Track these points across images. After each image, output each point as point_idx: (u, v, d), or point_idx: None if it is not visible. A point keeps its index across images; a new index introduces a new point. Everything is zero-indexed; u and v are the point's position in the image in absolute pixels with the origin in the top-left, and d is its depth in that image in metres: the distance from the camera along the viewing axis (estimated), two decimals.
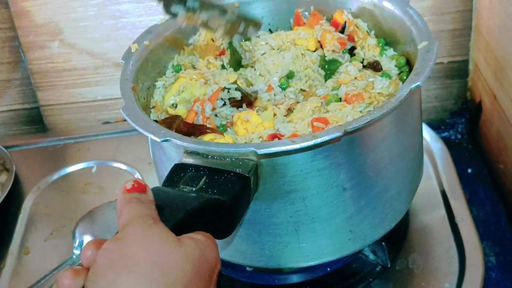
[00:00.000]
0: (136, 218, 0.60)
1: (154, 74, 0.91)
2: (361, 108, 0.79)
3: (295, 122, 0.80)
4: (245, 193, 0.70)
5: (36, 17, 1.19)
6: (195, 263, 0.58)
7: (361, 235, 0.80)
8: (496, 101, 1.10)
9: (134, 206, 0.61)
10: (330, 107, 0.81)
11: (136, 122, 0.76)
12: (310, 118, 0.79)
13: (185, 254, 0.58)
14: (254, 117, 0.79)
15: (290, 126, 0.79)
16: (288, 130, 0.78)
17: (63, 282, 0.58)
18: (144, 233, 0.58)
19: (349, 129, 0.69)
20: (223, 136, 0.79)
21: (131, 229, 0.59)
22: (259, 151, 0.68)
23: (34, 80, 1.26)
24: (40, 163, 1.22)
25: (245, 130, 0.79)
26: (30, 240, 1.05)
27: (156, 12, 1.18)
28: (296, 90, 0.87)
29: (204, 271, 0.59)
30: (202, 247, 0.60)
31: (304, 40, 0.91)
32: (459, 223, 0.96)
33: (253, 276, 0.92)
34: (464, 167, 1.14)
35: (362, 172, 0.76)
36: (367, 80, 0.84)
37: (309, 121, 0.78)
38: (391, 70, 0.87)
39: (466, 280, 0.88)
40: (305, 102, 0.84)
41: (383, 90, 0.82)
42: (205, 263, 0.60)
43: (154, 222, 0.60)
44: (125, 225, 0.60)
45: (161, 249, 0.57)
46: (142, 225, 0.59)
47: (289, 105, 0.84)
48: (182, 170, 0.71)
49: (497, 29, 1.07)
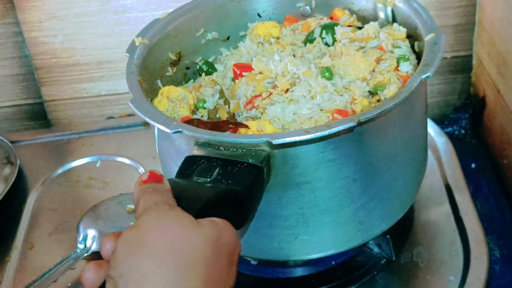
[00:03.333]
0: (152, 206, 0.60)
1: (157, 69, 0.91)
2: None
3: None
4: (258, 183, 0.70)
5: (39, 12, 1.19)
6: (214, 244, 0.59)
7: (370, 226, 0.80)
8: (499, 95, 1.10)
9: (150, 195, 0.62)
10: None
11: (146, 114, 0.76)
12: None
13: (203, 235, 0.59)
14: (268, 126, 0.78)
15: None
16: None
17: (87, 276, 0.59)
18: (160, 218, 0.59)
19: (363, 119, 0.69)
20: (249, 128, 0.78)
21: (147, 216, 0.59)
22: (273, 141, 0.68)
23: (38, 75, 1.26)
24: (45, 158, 1.22)
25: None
26: (35, 235, 1.05)
27: (159, 7, 1.18)
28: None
29: (223, 252, 0.60)
30: (220, 228, 0.61)
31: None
32: (464, 216, 0.96)
33: (257, 270, 0.92)
34: (467, 162, 1.14)
35: (371, 162, 0.77)
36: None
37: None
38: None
39: (470, 273, 0.88)
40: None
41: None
42: (224, 244, 0.60)
43: (170, 208, 0.60)
44: (141, 213, 0.60)
45: (178, 232, 0.58)
46: (157, 211, 0.60)
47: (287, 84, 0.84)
48: (194, 162, 0.70)
49: (501, 24, 1.07)
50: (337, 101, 0.79)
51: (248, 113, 0.82)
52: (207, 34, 0.97)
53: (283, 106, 0.80)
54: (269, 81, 0.84)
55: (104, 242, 0.61)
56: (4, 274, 0.99)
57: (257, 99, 0.82)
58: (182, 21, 0.95)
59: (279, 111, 0.79)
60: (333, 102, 0.79)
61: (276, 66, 0.85)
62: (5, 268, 1.00)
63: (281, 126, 0.78)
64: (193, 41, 0.96)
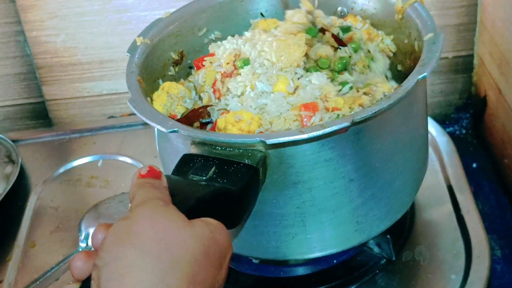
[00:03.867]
0: (148, 200, 0.60)
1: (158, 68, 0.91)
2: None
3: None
4: (254, 184, 0.70)
5: (41, 11, 1.19)
6: (204, 244, 0.58)
7: (368, 226, 0.80)
8: (501, 95, 1.10)
9: (147, 190, 0.62)
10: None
11: (143, 113, 0.76)
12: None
13: (194, 234, 0.58)
14: (245, 114, 0.77)
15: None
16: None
17: (76, 265, 0.59)
18: (153, 212, 0.59)
19: (357, 119, 0.69)
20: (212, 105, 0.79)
21: (140, 209, 0.59)
22: (267, 141, 0.68)
23: (40, 74, 1.26)
24: (46, 157, 1.22)
25: (241, 130, 0.77)
26: (36, 233, 1.06)
27: (160, 7, 1.19)
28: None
29: (214, 254, 0.59)
30: (213, 229, 0.60)
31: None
32: (465, 215, 0.96)
33: (259, 268, 0.92)
34: (469, 162, 1.14)
35: (369, 162, 0.76)
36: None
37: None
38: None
39: (472, 272, 0.88)
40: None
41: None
42: (215, 245, 0.59)
43: (164, 204, 0.60)
44: (136, 206, 0.60)
45: (168, 228, 0.57)
46: (151, 206, 0.59)
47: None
48: (191, 160, 0.71)
49: (502, 24, 1.07)
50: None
51: (219, 105, 0.82)
52: (209, 33, 0.97)
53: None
54: (217, 64, 0.85)
55: (96, 232, 0.60)
56: (6, 273, 0.99)
57: (217, 85, 0.83)
58: (184, 21, 0.95)
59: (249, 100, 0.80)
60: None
61: (220, 48, 0.87)
62: (6, 266, 1.00)
63: (254, 111, 0.78)
64: (196, 40, 0.96)
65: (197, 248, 0.57)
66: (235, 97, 0.81)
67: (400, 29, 0.89)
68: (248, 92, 0.81)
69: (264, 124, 0.77)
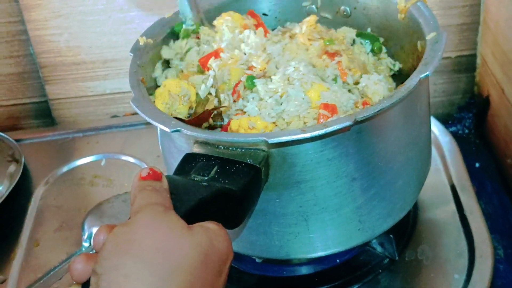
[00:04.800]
0: (148, 206, 0.60)
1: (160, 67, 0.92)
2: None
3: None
4: (255, 184, 0.70)
5: (45, 10, 1.20)
6: (203, 252, 0.58)
7: (370, 226, 0.80)
8: (503, 95, 1.10)
9: (147, 194, 0.62)
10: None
11: (146, 113, 0.76)
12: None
13: (193, 241, 0.58)
14: (260, 123, 0.77)
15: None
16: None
17: (75, 267, 0.59)
18: (152, 220, 0.59)
19: (359, 118, 0.69)
20: (226, 107, 0.78)
21: (140, 216, 0.59)
22: (269, 140, 0.68)
23: (43, 73, 1.26)
24: (50, 156, 1.22)
25: None
26: (40, 232, 1.06)
27: (164, 6, 1.18)
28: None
29: (213, 261, 0.59)
30: (213, 236, 0.60)
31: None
32: (468, 215, 0.96)
33: (262, 268, 0.93)
34: (471, 162, 1.14)
35: (371, 162, 0.76)
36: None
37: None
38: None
39: (475, 271, 0.88)
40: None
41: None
42: (215, 252, 0.59)
43: (164, 210, 0.60)
44: (136, 211, 0.60)
45: (168, 236, 0.58)
46: (152, 212, 0.59)
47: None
48: (193, 160, 0.71)
49: (505, 23, 1.07)
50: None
51: (236, 106, 0.81)
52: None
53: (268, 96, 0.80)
54: (242, 63, 0.84)
55: (98, 233, 0.61)
56: (10, 272, 0.99)
57: (239, 87, 0.82)
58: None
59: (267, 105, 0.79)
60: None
61: (248, 44, 0.85)
62: (10, 265, 1.00)
63: (271, 119, 0.77)
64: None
65: (196, 257, 0.58)
66: (255, 101, 0.80)
67: (402, 29, 0.90)
68: (267, 98, 0.80)
69: (281, 125, 0.77)
